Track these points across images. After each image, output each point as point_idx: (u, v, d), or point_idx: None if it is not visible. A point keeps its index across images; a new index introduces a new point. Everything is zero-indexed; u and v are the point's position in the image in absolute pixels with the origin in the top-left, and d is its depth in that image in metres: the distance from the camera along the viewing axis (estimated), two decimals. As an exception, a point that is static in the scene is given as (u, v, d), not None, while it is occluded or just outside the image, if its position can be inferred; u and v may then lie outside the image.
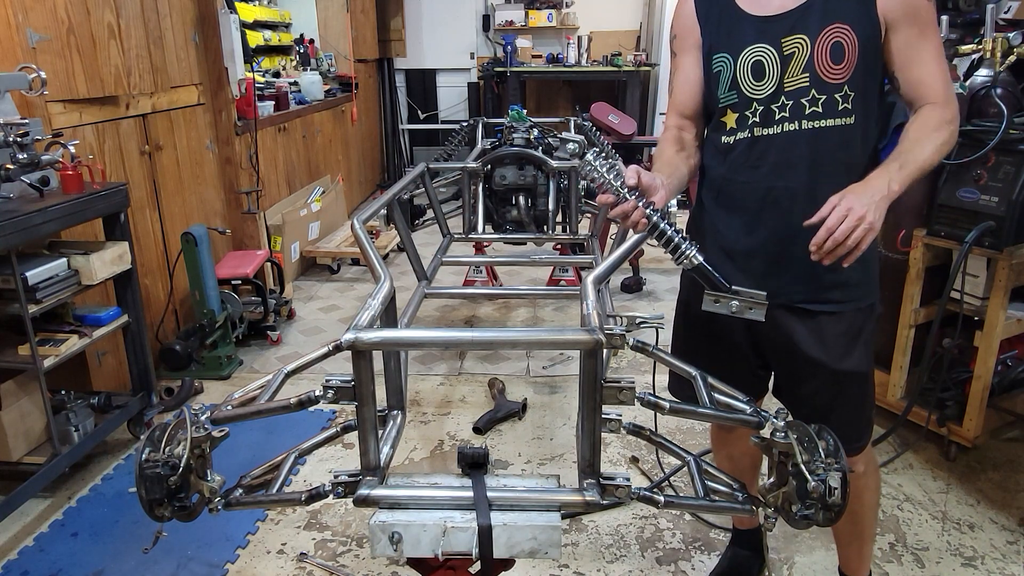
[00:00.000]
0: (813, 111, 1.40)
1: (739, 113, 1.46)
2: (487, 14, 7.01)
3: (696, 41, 1.51)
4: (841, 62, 1.36)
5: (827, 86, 1.38)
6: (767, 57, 1.41)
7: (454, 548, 1.19)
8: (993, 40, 2.25)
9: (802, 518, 1.26)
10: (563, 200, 3.38)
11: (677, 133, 1.58)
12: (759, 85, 1.43)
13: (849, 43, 1.35)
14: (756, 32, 1.41)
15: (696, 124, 1.59)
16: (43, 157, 2.26)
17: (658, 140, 1.62)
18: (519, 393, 3.06)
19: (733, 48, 1.44)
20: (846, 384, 1.52)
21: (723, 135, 1.50)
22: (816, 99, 1.39)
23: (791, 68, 1.39)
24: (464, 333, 1.30)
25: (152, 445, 1.19)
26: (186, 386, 2.99)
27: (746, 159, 1.47)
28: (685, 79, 1.56)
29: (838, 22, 1.35)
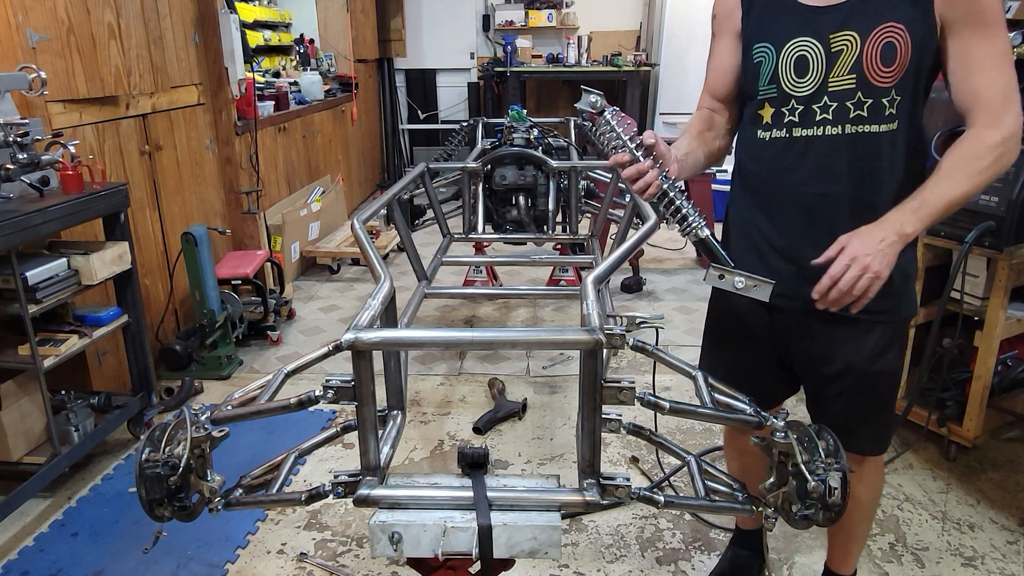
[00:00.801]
0: (857, 115, 1.32)
1: (776, 109, 1.38)
2: (487, 14, 7.01)
3: (735, 26, 1.45)
4: (891, 64, 1.27)
5: (874, 89, 1.30)
6: (812, 52, 1.32)
7: (454, 548, 1.19)
8: (993, 40, 2.24)
9: (802, 518, 1.26)
10: (563, 200, 3.38)
11: (708, 114, 1.54)
12: (801, 82, 1.34)
13: (902, 44, 1.26)
14: (803, 23, 1.33)
15: (729, 108, 1.54)
16: (43, 157, 2.26)
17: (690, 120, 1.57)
18: (519, 393, 3.06)
19: (776, 39, 1.36)
20: (875, 386, 1.49)
21: (759, 129, 1.43)
22: (862, 102, 1.31)
23: (837, 67, 1.31)
24: (464, 333, 1.30)
25: (152, 445, 1.19)
26: (186, 386, 2.99)
27: (782, 161, 1.40)
28: (720, 64, 1.50)
29: (892, 21, 1.26)
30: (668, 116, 6.41)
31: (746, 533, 2.01)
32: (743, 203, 1.53)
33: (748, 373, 1.61)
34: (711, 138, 1.52)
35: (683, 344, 3.55)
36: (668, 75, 6.31)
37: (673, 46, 6.21)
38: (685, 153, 1.44)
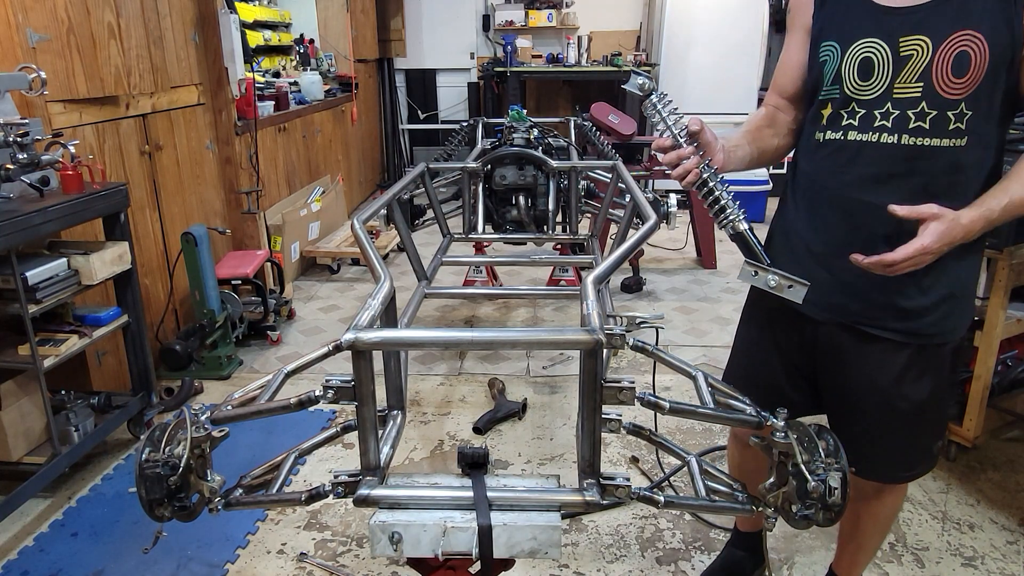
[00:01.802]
0: (918, 126, 1.24)
1: (835, 111, 1.32)
2: (487, 14, 7.01)
3: (807, 22, 1.38)
4: (964, 76, 1.19)
5: (941, 101, 1.22)
6: (879, 55, 1.25)
7: (454, 548, 1.19)
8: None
9: (802, 518, 1.26)
10: (563, 200, 3.38)
11: (772, 111, 1.50)
12: (864, 85, 1.28)
13: (978, 55, 1.18)
14: (873, 23, 1.25)
15: (795, 107, 1.49)
16: (43, 157, 2.26)
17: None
18: (519, 393, 3.06)
19: (843, 37, 1.29)
20: (897, 411, 1.43)
21: (816, 130, 1.38)
22: (925, 113, 1.23)
23: (904, 73, 1.23)
24: (464, 333, 1.30)
25: (152, 445, 1.19)
26: (186, 386, 2.99)
27: (833, 163, 1.34)
28: (788, 60, 1.45)
29: (971, 28, 1.17)
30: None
31: (744, 535, 2.00)
32: (790, 204, 1.48)
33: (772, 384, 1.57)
34: (769, 135, 1.48)
35: (683, 344, 3.55)
36: (668, 75, 6.31)
37: (673, 46, 6.21)
38: (735, 145, 1.40)
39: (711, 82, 6.16)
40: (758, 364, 1.60)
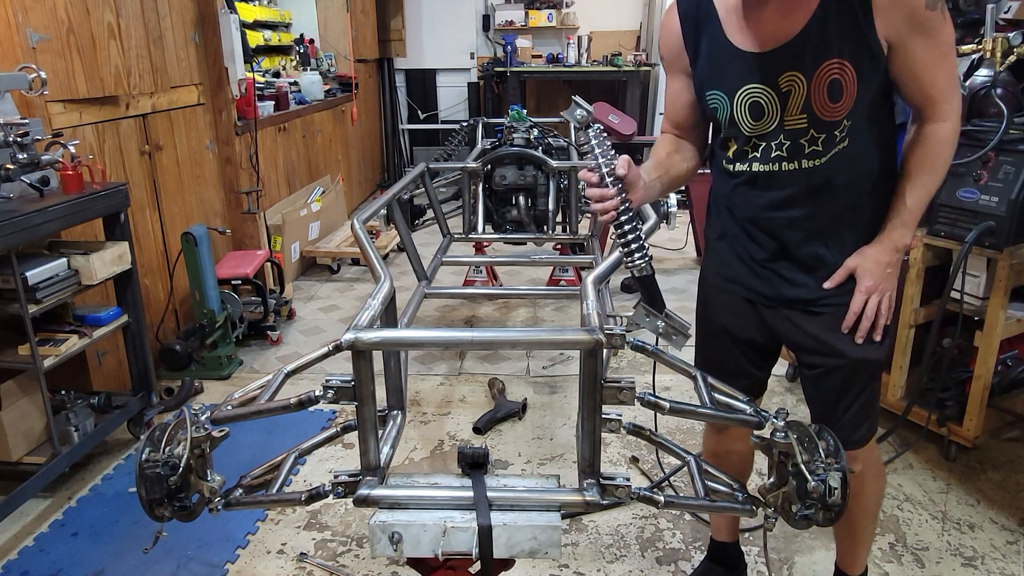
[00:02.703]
0: (812, 150, 1.35)
1: (739, 147, 1.43)
2: (487, 14, 7.01)
3: (684, 67, 1.46)
4: (839, 100, 1.29)
5: (824, 124, 1.33)
6: (765, 97, 1.34)
7: (454, 548, 1.19)
8: (993, 40, 2.25)
9: (802, 518, 1.26)
10: (563, 200, 3.38)
11: (674, 138, 1.57)
12: (758, 124, 1.37)
13: (848, 79, 1.27)
14: (749, 70, 1.34)
15: (693, 133, 1.57)
16: (43, 157, 2.26)
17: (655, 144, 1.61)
18: (519, 393, 3.06)
19: (728, 87, 1.38)
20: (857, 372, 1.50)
21: (726, 160, 1.48)
22: (815, 138, 1.34)
23: (789, 107, 1.33)
24: (464, 333, 1.30)
25: (152, 445, 1.19)
26: (186, 386, 2.99)
27: (747, 191, 1.46)
28: (676, 98, 1.52)
29: (834, 58, 1.26)
30: (668, 116, 6.41)
31: (721, 546, 1.96)
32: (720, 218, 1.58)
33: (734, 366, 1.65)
34: (678, 160, 1.54)
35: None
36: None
37: (673, 46, 6.21)
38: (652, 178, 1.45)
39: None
40: (717, 350, 1.67)
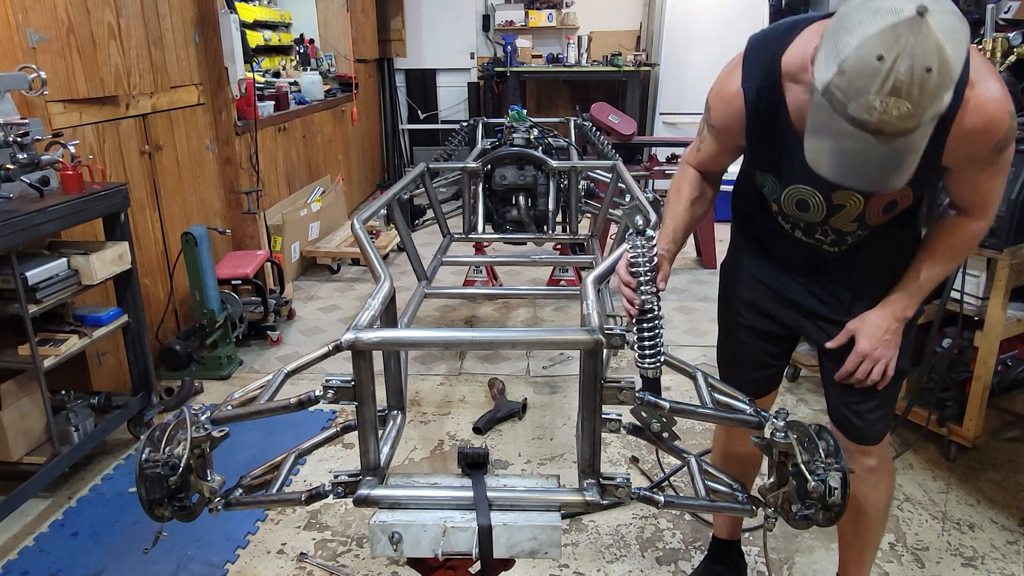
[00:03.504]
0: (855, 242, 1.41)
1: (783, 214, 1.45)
2: (487, 14, 7.01)
3: (734, 140, 1.43)
4: (892, 211, 1.33)
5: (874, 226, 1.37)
6: (813, 199, 1.34)
7: (454, 548, 1.19)
8: (993, 40, 2.25)
9: (802, 518, 1.26)
10: (563, 200, 3.38)
11: (699, 182, 1.54)
12: (804, 214, 1.39)
13: (904, 198, 1.31)
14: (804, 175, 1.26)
15: (718, 175, 1.57)
16: (43, 157, 2.26)
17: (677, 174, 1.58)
18: (519, 393, 3.06)
19: (779, 177, 1.37)
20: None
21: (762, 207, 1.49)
22: (859, 235, 1.39)
23: (839, 216, 1.35)
24: (464, 333, 1.31)
25: (152, 445, 1.19)
26: (186, 386, 2.99)
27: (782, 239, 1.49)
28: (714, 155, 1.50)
29: None
30: (668, 116, 6.40)
31: (723, 544, 1.97)
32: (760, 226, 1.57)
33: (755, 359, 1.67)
34: (699, 207, 1.54)
35: (683, 344, 3.55)
36: (668, 75, 6.31)
37: (673, 46, 6.21)
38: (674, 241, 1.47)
39: (711, 82, 6.13)
40: (738, 341, 1.69)
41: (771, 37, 1.31)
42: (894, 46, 0.94)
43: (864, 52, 0.96)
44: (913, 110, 0.97)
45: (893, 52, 0.94)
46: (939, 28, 0.94)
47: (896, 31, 0.94)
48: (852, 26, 0.98)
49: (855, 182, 1.12)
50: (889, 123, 0.99)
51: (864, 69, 0.96)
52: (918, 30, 0.94)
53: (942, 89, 0.97)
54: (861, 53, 0.96)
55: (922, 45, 0.94)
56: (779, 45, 1.27)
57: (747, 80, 1.32)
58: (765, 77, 1.29)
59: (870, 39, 0.96)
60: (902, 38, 0.94)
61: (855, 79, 0.98)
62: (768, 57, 1.28)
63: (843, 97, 1.00)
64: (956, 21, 0.96)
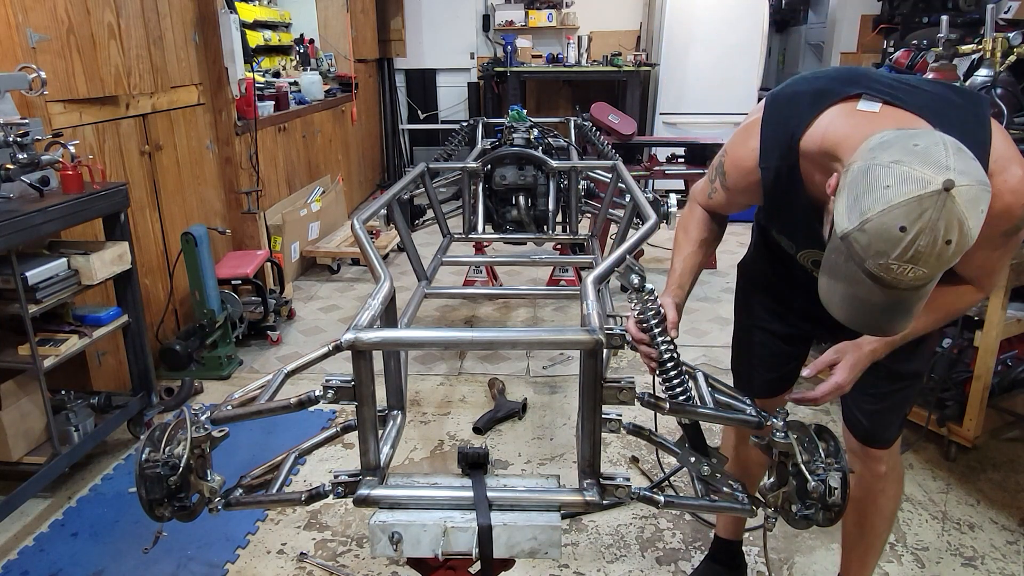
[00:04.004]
0: None
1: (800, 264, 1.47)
2: (487, 14, 7.01)
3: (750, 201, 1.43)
4: None
5: None
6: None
7: (454, 548, 1.19)
8: (993, 40, 2.25)
9: (802, 518, 1.26)
10: (563, 200, 3.38)
11: (706, 219, 1.54)
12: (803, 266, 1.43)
13: None
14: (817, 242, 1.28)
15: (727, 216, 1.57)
16: (43, 157, 2.26)
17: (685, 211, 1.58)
18: (519, 393, 3.06)
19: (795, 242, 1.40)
20: (901, 382, 1.53)
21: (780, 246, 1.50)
22: None
23: None
24: (464, 333, 1.31)
25: (152, 445, 1.19)
26: (186, 386, 2.99)
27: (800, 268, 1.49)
28: (726, 204, 1.48)
29: None
30: (668, 116, 6.41)
31: (724, 544, 1.97)
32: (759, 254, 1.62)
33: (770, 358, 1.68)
34: (708, 252, 1.53)
35: (683, 344, 3.55)
36: (668, 75, 6.31)
37: (673, 46, 6.21)
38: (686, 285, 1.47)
39: (711, 82, 6.16)
40: (754, 346, 1.70)
41: (790, 112, 1.27)
42: (917, 220, 0.93)
43: (887, 219, 0.95)
44: (929, 274, 0.98)
45: (916, 226, 0.94)
46: (964, 201, 0.93)
47: (922, 204, 0.93)
48: (878, 187, 0.97)
49: (863, 327, 1.13)
50: (903, 283, 0.99)
51: (885, 235, 0.96)
52: (943, 205, 0.92)
53: (957, 255, 0.97)
54: (884, 220, 0.95)
55: (945, 219, 0.93)
56: (798, 125, 1.24)
57: (764, 159, 1.31)
58: (783, 159, 1.28)
59: (895, 208, 0.94)
60: (927, 212, 0.93)
61: (875, 242, 0.97)
62: (787, 138, 1.26)
63: (861, 252, 0.99)
64: (980, 191, 0.95)
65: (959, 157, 0.95)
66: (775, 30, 7.33)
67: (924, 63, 2.58)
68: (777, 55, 7.63)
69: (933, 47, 2.42)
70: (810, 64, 7.11)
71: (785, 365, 1.70)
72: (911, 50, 2.71)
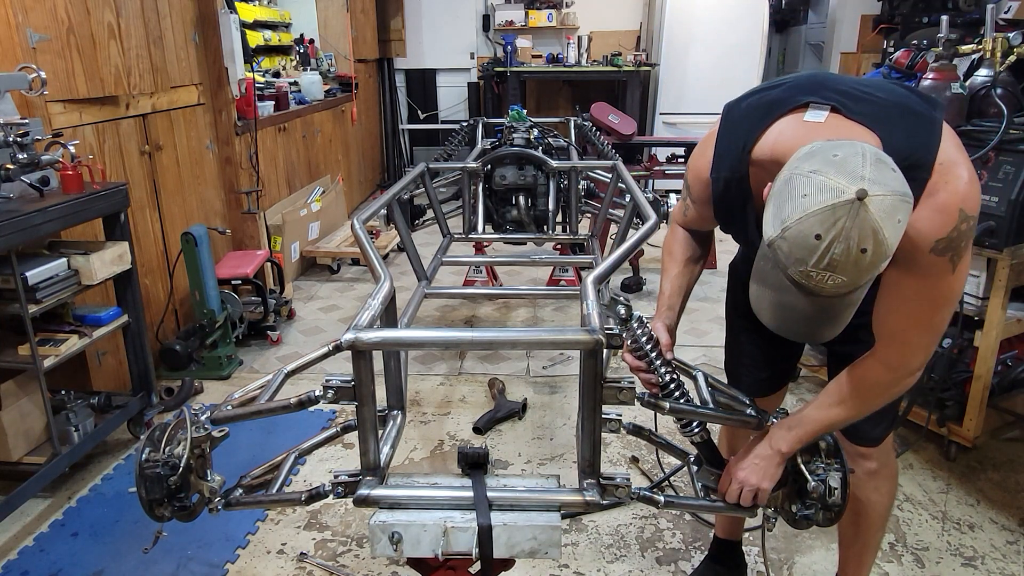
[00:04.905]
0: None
1: None
2: (487, 14, 7.01)
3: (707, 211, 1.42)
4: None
5: None
6: None
7: (454, 548, 1.19)
8: (993, 40, 2.25)
9: (802, 518, 1.27)
10: (563, 200, 3.38)
11: (687, 238, 1.55)
12: None
13: None
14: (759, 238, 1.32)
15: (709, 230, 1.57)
16: (43, 157, 2.26)
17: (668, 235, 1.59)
18: (519, 393, 3.06)
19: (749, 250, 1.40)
20: None
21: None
22: None
23: None
24: (464, 333, 1.30)
25: (152, 445, 1.19)
26: (186, 386, 2.99)
27: None
28: (699, 217, 1.48)
29: None
30: (668, 116, 6.41)
31: (724, 544, 1.97)
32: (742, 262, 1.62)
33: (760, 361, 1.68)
34: (695, 269, 1.53)
35: (683, 344, 3.55)
36: (668, 75, 6.32)
37: (673, 46, 6.21)
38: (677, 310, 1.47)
39: (711, 82, 6.16)
40: (744, 346, 1.71)
41: (744, 122, 1.27)
42: (831, 228, 0.95)
43: (804, 227, 0.97)
44: (848, 282, 0.99)
45: (830, 234, 0.95)
46: (877, 211, 0.94)
47: (835, 213, 0.95)
48: (797, 195, 0.99)
49: (791, 334, 1.13)
50: (824, 290, 1.00)
51: (802, 243, 0.98)
52: (856, 214, 0.94)
53: (876, 264, 0.98)
54: (801, 227, 0.97)
55: (859, 228, 0.94)
56: (749, 135, 1.25)
57: (716, 170, 1.32)
58: (733, 169, 1.29)
59: (810, 216, 0.96)
60: (840, 221, 0.95)
61: (794, 249, 0.99)
62: (738, 149, 1.27)
63: (784, 259, 1.01)
64: (896, 201, 0.96)
65: (877, 168, 0.97)
66: (775, 30, 7.33)
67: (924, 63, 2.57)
68: (777, 55, 7.63)
69: (933, 47, 2.42)
70: (810, 64, 7.12)
71: (777, 363, 1.70)
72: (911, 50, 2.71)
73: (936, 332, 1.20)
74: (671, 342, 1.36)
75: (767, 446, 1.29)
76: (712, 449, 1.37)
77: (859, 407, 1.27)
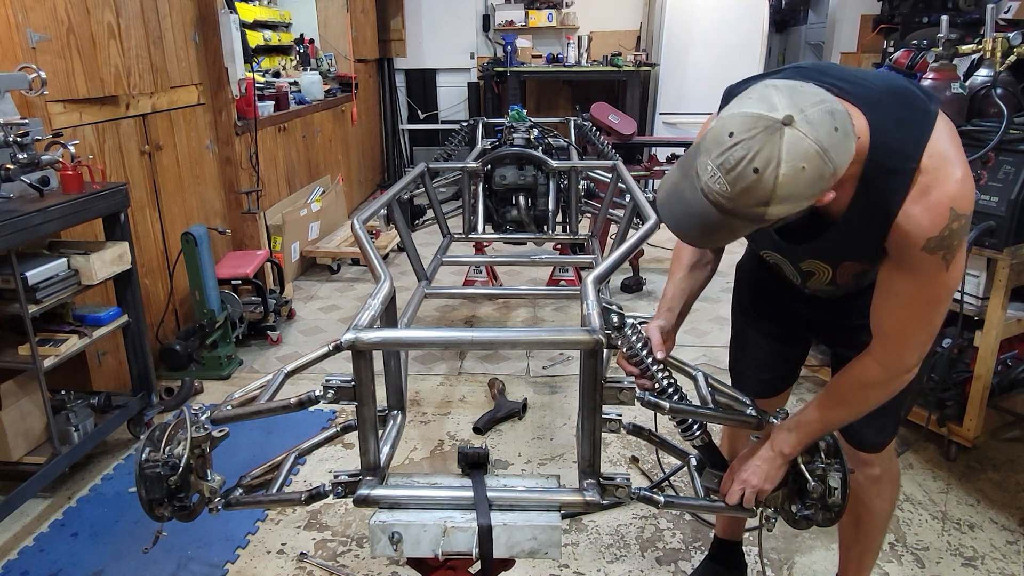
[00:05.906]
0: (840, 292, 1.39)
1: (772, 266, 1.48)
2: (487, 14, 7.01)
3: None
4: (864, 277, 1.30)
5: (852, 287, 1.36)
6: (787, 267, 1.38)
7: (454, 548, 1.19)
8: (993, 40, 2.25)
9: (802, 518, 1.27)
10: (563, 200, 3.38)
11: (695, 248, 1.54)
12: (782, 277, 1.44)
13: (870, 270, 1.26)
14: (771, 244, 1.35)
15: None
16: (43, 157, 2.26)
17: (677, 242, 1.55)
18: (519, 393, 3.06)
19: (753, 241, 1.43)
20: None
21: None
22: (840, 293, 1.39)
23: (813, 280, 1.36)
24: (464, 333, 1.30)
25: (152, 445, 1.19)
26: (186, 386, 2.99)
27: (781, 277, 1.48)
28: None
29: (854, 260, 1.25)
30: (668, 116, 6.41)
31: (724, 544, 1.97)
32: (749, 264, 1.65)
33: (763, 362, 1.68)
34: (699, 275, 1.53)
35: (683, 344, 3.55)
36: (668, 75, 6.32)
37: (673, 46, 6.21)
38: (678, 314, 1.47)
39: (711, 82, 6.14)
40: (748, 346, 1.71)
41: None
42: (744, 133, 0.97)
43: (727, 122, 1.00)
44: (728, 192, 1.00)
45: (740, 137, 0.97)
46: (789, 143, 0.95)
47: (756, 123, 0.97)
48: (743, 96, 1.03)
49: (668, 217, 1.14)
50: (710, 191, 1.02)
51: (718, 135, 1.00)
52: (771, 133, 0.96)
53: (756, 195, 0.98)
54: (725, 121, 1.00)
55: (763, 146, 0.96)
56: None
57: None
58: None
59: (739, 115, 0.99)
60: (754, 131, 0.96)
61: (710, 139, 1.01)
62: None
63: (703, 143, 1.03)
64: (813, 153, 0.96)
65: (822, 116, 0.98)
66: (775, 30, 7.33)
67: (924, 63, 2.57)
68: (777, 55, 7.63)
69: (933, 47, 2.42)
70: (810, 64, 7.11)
71: (781, 365, 1.70)
72: (911, 50, 2.71)
73: (931, 330, 1.19)
74: (661, 342, 1.36)
75: (769, 448, 1.29)
76: (714, 451, 1.37)
77: (858, 406, 1.28)
